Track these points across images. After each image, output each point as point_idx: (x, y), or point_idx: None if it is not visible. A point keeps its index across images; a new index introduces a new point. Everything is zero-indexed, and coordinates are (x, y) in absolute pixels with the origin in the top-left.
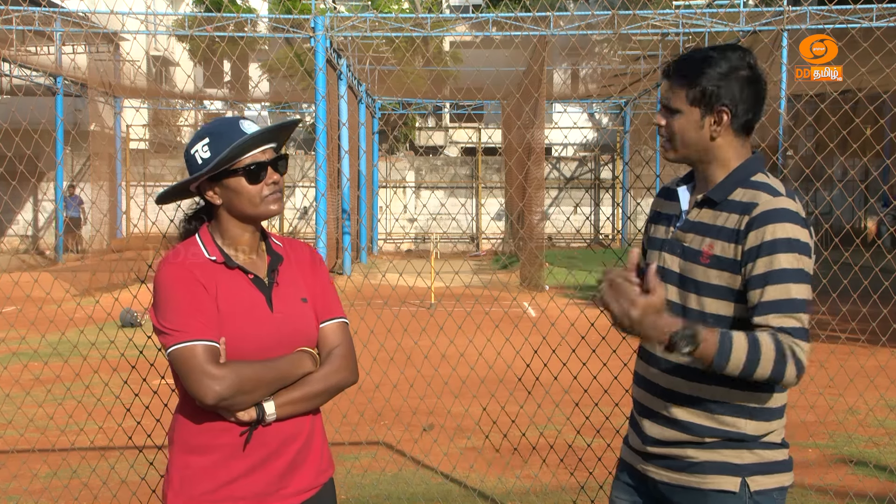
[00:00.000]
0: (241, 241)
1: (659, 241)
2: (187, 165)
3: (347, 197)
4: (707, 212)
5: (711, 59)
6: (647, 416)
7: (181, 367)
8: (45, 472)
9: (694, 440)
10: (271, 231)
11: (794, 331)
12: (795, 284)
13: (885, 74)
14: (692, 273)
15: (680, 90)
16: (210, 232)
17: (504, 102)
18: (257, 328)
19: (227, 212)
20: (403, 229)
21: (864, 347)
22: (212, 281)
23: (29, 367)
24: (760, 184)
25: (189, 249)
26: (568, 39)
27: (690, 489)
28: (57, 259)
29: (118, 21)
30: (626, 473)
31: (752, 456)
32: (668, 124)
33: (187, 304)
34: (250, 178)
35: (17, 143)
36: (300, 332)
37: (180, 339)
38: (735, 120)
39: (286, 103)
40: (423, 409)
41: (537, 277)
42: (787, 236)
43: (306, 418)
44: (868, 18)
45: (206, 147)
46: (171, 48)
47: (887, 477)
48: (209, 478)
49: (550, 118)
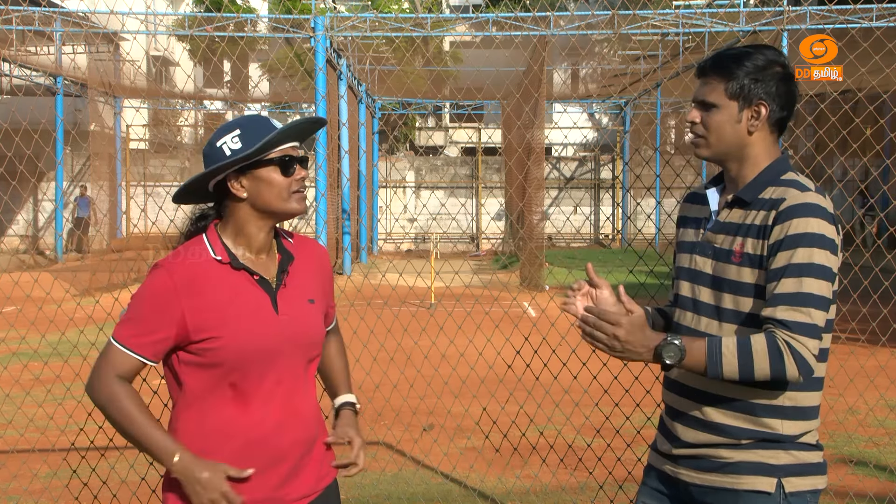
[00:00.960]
0: (257, 239)
1: (689, 245)
2: (210, 159)
3: (347, 197)
4: (737, 212)
5: (748, 55)
6: (679, 419)
7: (101, 356)
8: (46, 472)
9: (729, 442)
10: (291, 233)
11: (798, 325)
12: (811, 279)
13: (885, 74)
14: (725, 273)
15: (718, 84)
16: (218, 231)
17: (504, 102)
18: (261, 330)
19: (250, 206)
20: (403, 229)
21: (864, 347)
22: (208, 284)
23: (29, 367)
24: (790, 181)
25: (192, 249)
26: (568, 39)
27: (723, 490)
28: (57, 259)
29: (118, 21)
30: (653, 479)
31: (788, 457)
32: (704, 120)
33: (144, 316)
34: (283, 169)
35: (17, 143)
36: (305, 335)
37: (115, 333)
38: (772, 115)
39: (286, 103)
40: (423, 409)
41: (537, 277)
42: (812, 231)
43: (313, 423)
44: (868, 18)
45: (237, 139)
46: (171, 48)
47: (887, 477)
48: None
49: (550, 118)
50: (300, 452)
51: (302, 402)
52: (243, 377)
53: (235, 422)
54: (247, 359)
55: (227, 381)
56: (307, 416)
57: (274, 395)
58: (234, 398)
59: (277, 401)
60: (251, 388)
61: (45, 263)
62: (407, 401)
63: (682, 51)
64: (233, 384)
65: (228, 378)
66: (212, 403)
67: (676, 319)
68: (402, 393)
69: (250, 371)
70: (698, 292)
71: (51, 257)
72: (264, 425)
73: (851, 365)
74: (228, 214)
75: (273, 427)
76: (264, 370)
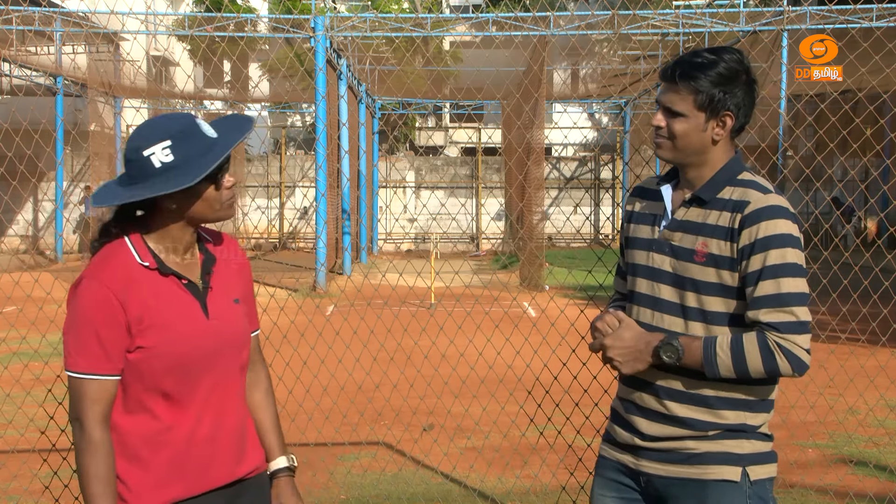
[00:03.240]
0: (182, 242)
1: (645, 241)
2: (134, 165)
3: (347, 197)
4: (695, 210)
5: (714, 63)
6: (641, 413)
7: (72, 394)
8: (46, 472)
9: (696, 434)
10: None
11: (784, 325)
12: (787, 279)
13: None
14: (688, 272)
15: (686, 94)
16: (142, 234)
17: (504, 102)
18: (194, 336)
19: (177, 214)
20: (403, 229)
21: (864, 347)
22: (140, 292)
23: (29, 367)
24: (749, 181)
25: (117, 256)
26: (568, 39)
27: (689, 481)
28: (57, 259)
29: (118, 21)
30: (612, 470)
31: (751, 446)
32: (669, 125)
33: (88, 330)
34: (217, 183)
35: (17, 143)
36: (236, 336)
37: (72, 367)
38: (735, 124)
39: (286, 103)
40: (423, 409)
41: (537, 277)
42: (779, 232)
43: (242, 428)
44: (868, 18)
45: (168, 151)
46: (171, 48)
47: (887, 477)
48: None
49: (550, 118)
50: (235, 453)
51: (235, 408)
52: (178, 383)
53: (171, 430)
54: (181, 365)
55: (161, 387)
56: (240, 421)
57: (209, 400)
58: (169, 406)
59: (213, 406)
60: (186, 394)
61: (45, 263)
62: (407, 401)
63: (682, 51)
64: (167, 391)
65: (163, 385)
66: (147, 412)
67: (634, 316)
68: (402, 393)
69: (185, 378)
70: (658, 290)
71: (51, 257)
72: (200, 432)
73: (851, 365)
74: (154, 219)
75: (209, 434)
76: (199, 376)
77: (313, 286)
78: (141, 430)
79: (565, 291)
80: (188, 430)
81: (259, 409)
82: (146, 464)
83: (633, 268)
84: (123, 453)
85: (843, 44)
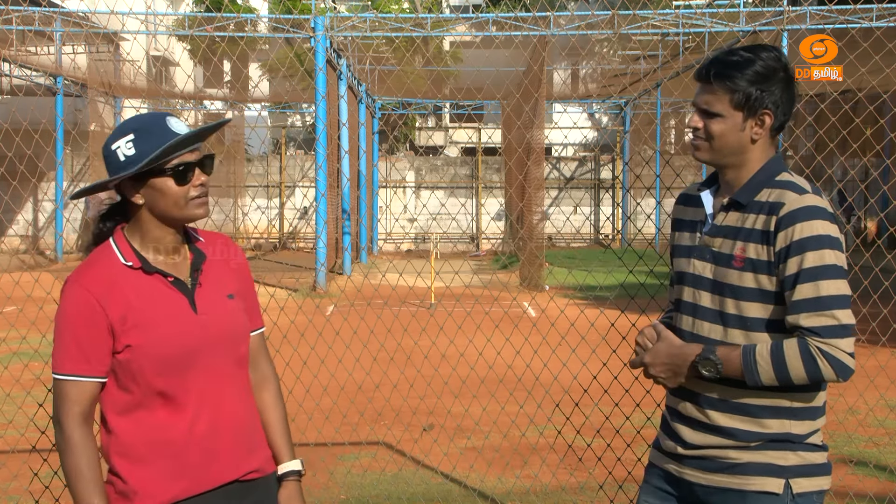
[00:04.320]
0: (164, 242)
1: (686, 248)
2: (106, 162)
3: (347, 197)
4: (734, 214)
5: (751, 61)
6: (683, 421)
7: (54, 396)
8: (46, 472)
9: (738, 444)
10: (198, 229)
11: (825, 329)
12: (826, 281)
13: (885, 74)
14: (727, 278)
15: (723, 94)
16: (126, 235)
17: (504, 102)
18: (181, 332)
19: (148, 212)
20: (403, 229)
21: (864, 347)
22: (124, 294)
23: (30, 367)
24: (786, 182)
25: (101, 258)
26: (568, 39)
27: (730, 490)
28: (57, 259)
29: (118, 21)
30: (656, 477)
31: (797, 458)
32: (706, 126)
33: (70, 334)
34: (178, 178)
35: (17, 143)
36: (228, 332)
37: (55, 369)
38: (775, 122)
39: (286, 103)
40: (423, 409)
41: (537, 277)
42: (816, 234)
43: (248, 425)
44: (868, 18)
45: (131, 144)
46: (171, 48)
47: (887, 477)
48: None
49: (550, 118)
50: (238, 455)
51: (234, 403)
52: (170, 381)
53: (169, 428)
54: (172, 362)
55: (155, 386)
56: (241, 417)
57: (205, 396)
58: (165, 404)
59: (209, 402)
60: (180, 391)
61: (45, 263)
62: (407, 401)
63: (682, 51)
64: (161, 390)
65: (156, 382)
66: (144, 410)
67: (677, 324)
68: (402, 393)
69: (177, 374)
70: (699, 297)
71: (51, 257)
72: (198, 428)
73: None
74: (133, 218)
75: (207, 430)
76: (191, 372)
77: (313, 286)
78: (140, 429)
79: (565, 291)
80: (186, 427)
81: (267, 410)
82: (147, 463)
83: (680, 276)
84: (124, 453)
85: (843, 44)
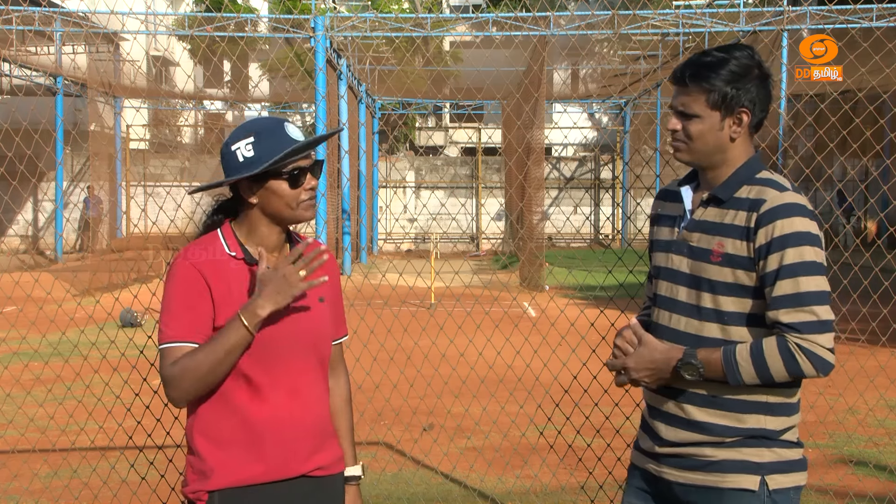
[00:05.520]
0: (268, 240)
1: (664, 243)
2: (224, 160)
3: (347, 197)
4: (713, 210)
5: (724, 61)
6: (661, 418)
7: (162, 367)
8: (46, 472)
9: (713, 440)
10: (298, 233)
11: (804, 325)
12: (805, 277)
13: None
14: (704, 272)
15: (699, 95)
16: (233, 228)
17: (504, 102)
18: (273, 322)
19: (260, 211)
20: (403, 229)
21: (864, 347)
22: (226, 277)
23: (30, 367)
24: (766, 180)
25: (206, 245)
26: (568, 39)
27: (707, 488)
28: (57, 259)
29: (118, 21)
30: (637, 478)
31: (772, 454)
32: (685, 128)
33: (178, 303)
34: (292, 182)
35: (17, 143)
36: (315, 331)
37: (162, 339)
38: (752, 119)
39: (286, 103)
40: (423, 409)
41: (537, 277)
42: (796, 230)
43: (324, 420)
44: (868, 18)
45: (251, 146)
46: (171, 48)
47: (887, 477)
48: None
49: (550, 118)
50: (312, 445)
51: (314, 400)
52: (257, 368)
53: (252, 413)
54: (261, 349)
55: (240, 372)
56: (319, 414)
57: (288, 387)
58: (249, 389)
59: (292, 394)
60: (265, 379)
61: (45, 263)
62: (407, 401)
63: (682, 51)
64: (246, 376)
65: (243, 367)
66: (228, 394)
67: (655, 319)
68: (402, 393)
69: (264, 362)
70: (675, 291)
71: (51, 257)
72: (279, 417)
73: (851, 365)
74: (242, 213)
75: (287, 420)
76: (278, 362)
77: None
78: (223, 411)
79: (565, 291)
80: (268, 414)
81: (337, 415)
82: (227, 444)
83: (657, 270)
84: (206, 433)
85: (843, 44)
